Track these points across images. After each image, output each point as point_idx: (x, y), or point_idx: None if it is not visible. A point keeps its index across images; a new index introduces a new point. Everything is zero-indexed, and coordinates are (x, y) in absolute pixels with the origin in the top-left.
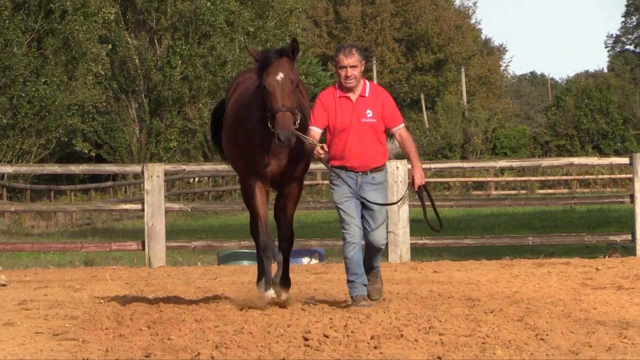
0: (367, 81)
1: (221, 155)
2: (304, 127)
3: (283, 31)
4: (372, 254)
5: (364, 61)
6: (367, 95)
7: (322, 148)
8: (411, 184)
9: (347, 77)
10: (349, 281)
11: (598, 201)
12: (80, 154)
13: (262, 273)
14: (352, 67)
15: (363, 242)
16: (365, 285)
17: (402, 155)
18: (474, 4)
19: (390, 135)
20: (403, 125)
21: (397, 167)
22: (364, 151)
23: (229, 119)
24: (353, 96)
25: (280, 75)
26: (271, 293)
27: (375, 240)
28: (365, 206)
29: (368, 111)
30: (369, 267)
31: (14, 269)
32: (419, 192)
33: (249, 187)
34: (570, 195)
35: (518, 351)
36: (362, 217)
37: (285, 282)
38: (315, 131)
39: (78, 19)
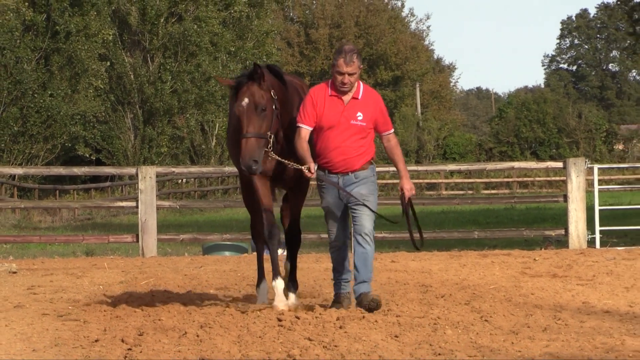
0: (361, 83)
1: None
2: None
3: (260, 51)
4: (359, 245)
5: (362, 66)
6: (360, 97)
7: (309, 170)
8: (401, 195)
9: (343, 83)
10: (333, 277)
11: (535, 200)
12: (82, 157)
13: (261, 276)
14: (350, 74)
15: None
16: (347, 282)
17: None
18: (428, 27)
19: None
20: (392, 130)
21: None
22: (347, 153)
23: (230, 124)
24: (346, 97)
25: (245, 101)
26: (280, 282)
27: (361, 225)
28: (350, 200)
29: (359, 114)
30: (360, 281)
31: (24, 259)
32: (406, 208)
33: (251, 184)
34: (511, 195)
35: (465, 331)
36: (351, 208)
37: (292, 284)
38: (306, 130)
39: (80, 39)
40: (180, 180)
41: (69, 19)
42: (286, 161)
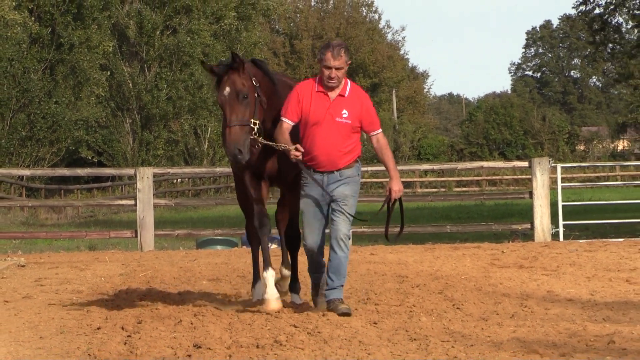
0: (348, 80)
1: None
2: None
3: None
4: (334, 252)
5: (349, 62)
6: (346, 95)
7: (296, 149)
8: (388, 195)
9: (330, 77)
10: (310, 275)
11: (503, 197)
12: (85, 159)
13: (257, 276)
14: (337, 69)
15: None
16: (322, 273)
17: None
18: (403, 38)
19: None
20: (380, 130)
21: None
22: (332, 151)
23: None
24: (332, 94)
25: (226, 90)
26: (271, 272)
27: (337, 229)
28: (332, 200)
29: (344, 111)
30: (331, 288)
31: (31, 253)
32: (390, 207)
33: (243, 182)
34: (481, 193)
35: (439, 318)
36: (331, 209)
37: (294, 286)
38: (287, 123)
39: (83, 51)
40: (175, 180)
41: (72, 32)
42: (274, 144)
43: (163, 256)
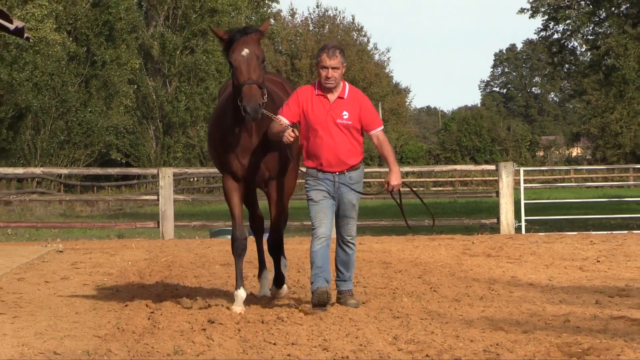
0: (346, 83)
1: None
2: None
3: None
4: (343, 250)
5: (345, 64)
6: (345, 97)
7: (292, 132)
8: (386, 187)
9: (327, 77)
10: (312, 275)
11: (473, 196)
12: (115, 160)
13: (262, 266)
14: (333, 68)
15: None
16: (327, 281)
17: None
18: (388, 58)
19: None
20: (381, 128)
21: None
22: (338, 151)
23: (210, 122)
24: (331, 96)
25: (245, 51)
26: (241, 292)
27: (345, 232)
28: (339, 204)
29: (344, 113)
30: (342, 279)
31: (68, 240)
32: (394, 196)
33: (225, 186)
34: (454, 192)
35: (418, 299)
36: (336, 213)
37: (277, 281)
38: (283, 121)
39: (113, 67)
40: (192, 179)
41: (104, 51)
42: (274, 116)
43: (181, 244)
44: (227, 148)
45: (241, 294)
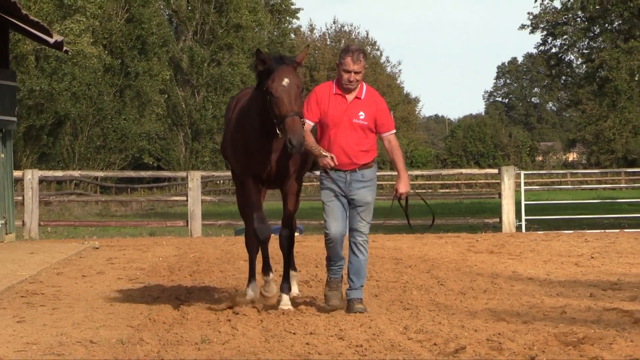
0: (364, 84)
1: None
2: None
3: None
4: (354, 255)
5: (366, 66)
6: (362, 97)
7: (332, 159)
8: (395, 194)
9: (349, 81)
10: (327, 266)
11: (477, 197)
12: (147, 164)
13: (252, 277)
14: (356, 72)
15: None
16: (341, 268)
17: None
18: (399, 70)
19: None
20: (394, 131)
21: None
22: (352, 150)
23: (232, 128)
24: (349, 96)
25: (286, 81)
26: (271, 276)
27: (356, 233)
28: (352, 202)
29: (361, 113)
30: (352, 288)
31: (104, 238)
32: (400, 202)
33: (246, 188)
34: (460, 193)
35: (427, 292)
36: (350, 212)
37: (284, 287)
38: (308, 124)
39: (146, 78)
40: (218, 181)
41: (137, 63)
42: (314, 147)
43: (208, 241)
44: (252, 153)
45: (271, 278)
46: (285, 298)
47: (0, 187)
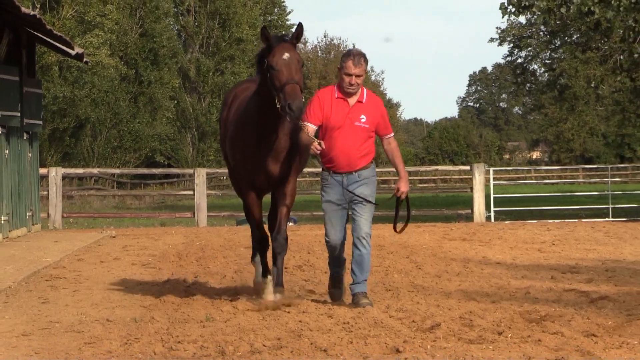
0: (364, 88)
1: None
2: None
3: None
4: (357, 248)
5: (367, 70)
6: (364, 101)
7: (319, 144)
8: (396, 192)
9: (350, 84)
10: (329, 268)
11: (452, 191)
12: (158, 162)
13: (255, 253)
14: (357, 76)
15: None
16: (342, 266)
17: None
18: (382, 78)
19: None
20: (393, 134)
21: None
22: (351, 153)
23: (231, 123)
24: (351, 100)
25: (286, 55)
26: (269, 279)
27: (359, 227)
28: (351, 201)
29: (362, 116)
30: (356, 282)
31: (120, 228)
32: (398, 200)
33: (248, 204)
34: (436, 187)
35: (406, 275)
36: (352, 208)
37: (276, 287)
38: (310, 127)
39: (157, 86)
40: (222, 177)
41: (150, 72)
42: (303, 124)
43: (213, 231)
44: (254, 148)
45: (270, 280)
46: (270, 290)
47: (28, 183)
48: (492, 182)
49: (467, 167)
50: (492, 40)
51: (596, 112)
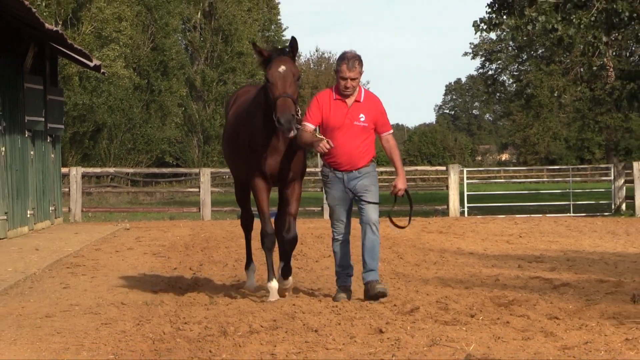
0: (362, 87)
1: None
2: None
3: None
4: (366, 235)
5: (362, 71)
6: (362, 100)
7: (328, 143)
8: (393, 189)
9: (346, 87)
10: (336, 272)
11: (430, 189)
12: (168, 163)
13: (249, 259)
14: (352, 79)
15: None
16: (350, 276)
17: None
18: (368, 88)
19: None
20: (391, 131)
21: None
22: (352, 152)
23: (232, 124)
24: (349, 100)
25: (282, 68)
26: (273, 284)
27: (366, 215)
28: (356, 194)
29: (361, 115)
30: (368, 270)
31: (133, 221)
32: (396, 198)
33: (252, 185)
34: (416, 186)
35: (388, 264)
36: (357, 202)
37: (286, 271)
38: (309, 127)
39: (167, 94)
40: (225, 176)
41: (160, 82)
42: (310, 135)
43: (216, 224)
44: (257, 148)
45: (274, 285)
46: (274, 289)
47: (51, 181)
48: (465, 181)
49: (444, 168)
50: (466, 54)
51: (559, 119)
